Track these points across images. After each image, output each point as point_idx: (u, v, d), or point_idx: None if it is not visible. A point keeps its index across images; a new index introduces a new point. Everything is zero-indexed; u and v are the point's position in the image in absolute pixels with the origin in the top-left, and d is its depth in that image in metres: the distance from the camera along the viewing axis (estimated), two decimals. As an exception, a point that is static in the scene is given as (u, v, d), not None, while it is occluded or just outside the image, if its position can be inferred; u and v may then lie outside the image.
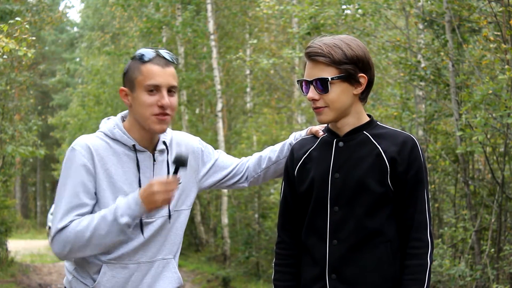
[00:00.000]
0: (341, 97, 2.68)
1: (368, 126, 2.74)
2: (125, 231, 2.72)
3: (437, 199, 10.09)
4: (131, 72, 2.83)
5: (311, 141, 2.84)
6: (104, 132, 2.85)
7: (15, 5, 13.88)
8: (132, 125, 2.86)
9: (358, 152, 2.70)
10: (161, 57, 2.82)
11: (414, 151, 2.67)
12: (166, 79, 2.79)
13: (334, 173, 2.70)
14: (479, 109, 7.07)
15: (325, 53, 2.65)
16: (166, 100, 2.78)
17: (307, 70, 2.72)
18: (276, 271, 2.85)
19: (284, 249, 2.84)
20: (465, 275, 7.74)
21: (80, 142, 2.81)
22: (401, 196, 2.67)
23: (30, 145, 14.62)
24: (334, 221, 2.68)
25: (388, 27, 11.24)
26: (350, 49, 2.66)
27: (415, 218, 2.65)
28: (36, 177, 42.10)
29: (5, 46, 7.82)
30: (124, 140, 2.83)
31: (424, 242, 2.64)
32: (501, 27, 7.40)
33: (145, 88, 2.78)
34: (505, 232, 8.10)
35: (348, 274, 2.66)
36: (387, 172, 2.65)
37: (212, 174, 3.07)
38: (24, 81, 14.47)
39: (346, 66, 2.65)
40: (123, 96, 2.86)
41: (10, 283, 12.99)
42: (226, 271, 14.86)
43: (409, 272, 2.63)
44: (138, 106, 2.80)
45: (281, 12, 11.54)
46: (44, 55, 35.78)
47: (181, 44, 18.33)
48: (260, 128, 16.36)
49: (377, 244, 2.65)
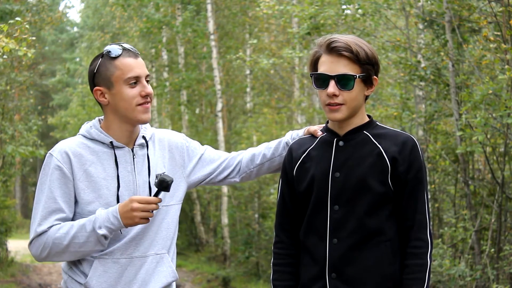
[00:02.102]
0: (359, 96, 2.70)
1: (368, 126, 2.75)
2: (102, 241, 2.79)
3: (437, 199, 10.10)
4: (104, 70, 2.84)
5: (309, 141, 2.84)
6: (82, 134, 2.91)
7: (15, 5, 13.88)
8: (110, 123, 2.89)
9: (359, 152, 2.70)
10: (127, 50, 2.86)
11: (414, 151, 2.68)
12: (143, 69, 2.86)
13: (334, 172, 2.70)
14: (479, 109, 7.07)
15: (353, 50, 2.64)
16: (149, 89, 2.84)
17: (327, 64, 2.67)
18: (275, 271, 2.84)
19: (282, 248, 2.84)
20: (465, 275, 7.74)
21: (57, 147, 2.87)
22: (401, 196, 2.68)
23: (30, 145, 14.62)
24: (334, 220, 2.68)
25: (388, 27, 11.23)
26: (369, 50, 2.69)
27: (415, 218, 2.67)
28: (36, 177, 42.10)
29: (5, 46, 7.82)
30: (101, 138, 2.87)
31: (424, 241, 2.65)
32: (501, 27, 7.40)
33: (126, 82, 2.82)
34: (505, 232, 8.10)
35: (348, 273, 2.66)
36: (388, 171, 2.66)
37: (200, 169, 3.07)
38: (24, 81, 14.48)
39: (368, 66, 2.68)
40: (99, 96, 2.87)
41: (10, 283, 12.99)
42: (226, 271, 14.87)
43: (410, 271, 2.64)
44: (121, 101, 2.83)
45: (281, 12, 11.54)
46: (44, 55, 35.76)
47: (181, 44, 18.33)
48: (260, 128, 16.36)
49: (377, 244, 2.66)
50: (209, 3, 16.68)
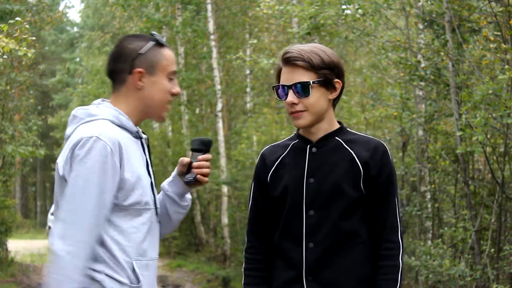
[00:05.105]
0: (320, 101, 2.75)
1: (339, 132, 2.82)
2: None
3: (437, 199, 10.10)
4: (152, 55, 2.64)
5: (282, 148, 2.89)
6: (111, 120, 2.59)
7: (15, 5, 13.89)
8: (133, 110, 2.65)
9: (332, 158, 2.77)
10: (168, 44, 2.75)
11: (385, 156, 2.75)
12: (176, 67, 2.75)
13: (308, 178, 2.77)
14: (479, 109, 7.07)
15: (305, 58, 2.72)
16: (179, 89, 2.72)
17: (285, 75, 2.76)
18: (246, 275, 2.89)
19: (254, 253, 2.88)
20: (465, 275, 7.75)
21: (106, 134, 2.51)
22: (373, 199, 2.75)
23: (30, 145, 14.61)
24: (309, 225, 2.74)
25: (388, 27, 11.24)
26: (326, 55, 2.75)
27: (387, 221, 2.74)
28: (36, 177, 42.12)
29: (5, 46, 7.82)
30: (130, 126, 2.64)
31: (396, 243, 2.73)
32: (501, 27, 7.40)
33: (168, 74, 2.67)
34: (505, 232, 8.11)
35: (325, 277, 2.72)
36: (360, 176, 2.74)
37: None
38: (24, 81, 14.47)
39: (324, 71, 2.73)
40: (137, 78, 2.62)
41: (10, 283, 13.00)
42: (226, 271, 14.87)
43: (383, 272, 2.71)
44: (157, 91, 2.65)
45: (281, 12, 11.55)
46: (44, 55, 35.77)
47: (181, 44, 18.34)
48: (260, 128, 16.36)
49: (352, 246, 2.73)
50: (209, 3, 16.69)
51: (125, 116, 2.62)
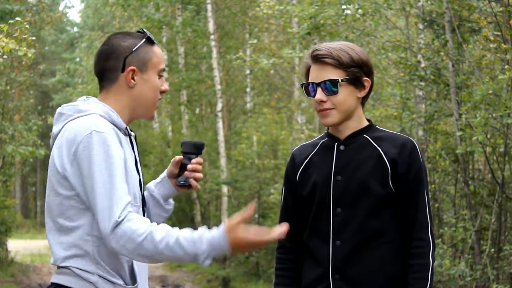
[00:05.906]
0: (348, 99, 2.74)
1: (368, 130, 2.81)
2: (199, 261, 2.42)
3: (437, 199, 10.09)
4: (144, 52, 2.61)
5: (311, 147, 2.89)
6: (101, 115, 2.54)
7: (15, 5, 13.90)
8: (123, 108, 2.61)
9: (359, 155, 2.76)
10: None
11: (414, 152, 2.73)
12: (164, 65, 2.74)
13: (336, 175, 2.76)
14: (479, 109, 7.07)
15: (334, 56, 2.72)
16: (167, 86, 2.69)
17: (314, 72, 2.77)
18: (277, 275, 2.90)
19: (284, 253, 2.89)
20: (465, 275, 7.75)
21: (101, 126, 2.48)
22: (402, 197, 2.73)
23: (30, 145, 14.60)
24: (336, 222, 2.73)
25: (388, 27, 11.24)
26: (355, 53, 2.75)
27: (416, 218, 2.71)
28: (36, 177, 42.11)
29: (5, 46, 7.83)
30: (119, 123, 2.59)
31: (425, 241, 2.70)
32: (501, 27, 7.41)
33: (158, 72, 2.64)
34: (505, 232, 8.11)
35: (351, 275, 2.71)
36: (388, 173, 2.71)
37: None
38: (24, 81, 14.48)
39: (353, 69, 2.73)
40: (129, 76, 2.58)
41: (10, 283, 13.00)
42: (226, 271, 14.87)
43: (413, 271, 2.69)
44: (148, 89, 2.61)
45: (281, 12, 11.54)
46: (44, 55, 35.74)
47: (181, 44, 18.34)
48: (260, 128, 16.36)
49: (379, 245, 2.71)
50: (209, 3, 16.69)
51: (115, 112, 2.57)
